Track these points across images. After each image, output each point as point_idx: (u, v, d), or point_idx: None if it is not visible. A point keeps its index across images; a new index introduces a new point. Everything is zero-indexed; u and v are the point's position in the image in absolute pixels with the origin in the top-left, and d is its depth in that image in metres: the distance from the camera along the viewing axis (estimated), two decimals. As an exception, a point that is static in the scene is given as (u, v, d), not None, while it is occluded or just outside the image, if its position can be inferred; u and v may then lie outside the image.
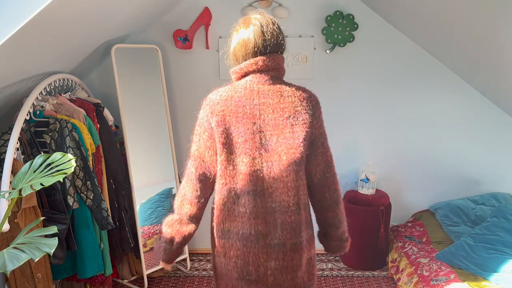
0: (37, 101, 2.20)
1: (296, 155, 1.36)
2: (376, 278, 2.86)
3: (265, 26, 1.40)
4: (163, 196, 2.82)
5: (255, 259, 1.38)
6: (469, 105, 2.93)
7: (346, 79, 2.94)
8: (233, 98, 1.38)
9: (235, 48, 1.44)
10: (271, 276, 1.38)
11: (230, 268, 1.43)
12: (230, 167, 1.38)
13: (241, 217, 1.39)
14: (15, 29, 1.47)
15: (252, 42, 1.38)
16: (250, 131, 1.36)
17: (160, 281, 2.85)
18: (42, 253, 1.16)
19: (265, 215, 1.37)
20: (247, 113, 1.36)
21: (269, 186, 1.36)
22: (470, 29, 2.13)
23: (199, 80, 2.97)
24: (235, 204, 1.40)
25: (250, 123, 1.36)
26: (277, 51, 1.41)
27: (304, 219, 1.41)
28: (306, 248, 1.42)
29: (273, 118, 1.36)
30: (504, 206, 2.56)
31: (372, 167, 2.91)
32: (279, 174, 1.36)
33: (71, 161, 1.30)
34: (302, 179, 1.40)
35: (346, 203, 2.92)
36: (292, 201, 1.38)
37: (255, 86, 1.38)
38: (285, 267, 1.38)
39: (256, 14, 1.45)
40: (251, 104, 1.37)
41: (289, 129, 1.36)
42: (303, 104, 1.39)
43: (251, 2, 2.81)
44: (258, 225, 1.37)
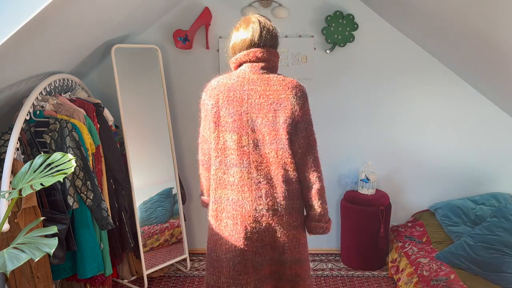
0: (37, 101, 2.20)
1: (277, 136, 1.58)
2: (376, 278, 2.86)
3: (262, 24, 1.63)
4: (163, 196, 2.82)
5: (243, 220, 1.62)
6: (469, 105, 2.93)
7: (346, 79, 2.94)
8: (227, 84, 1.62)
9: (234, 43, 1.66)
10: (256, 233, 1.62)
11: (221, 228, 1.68)
12: (221, 143, 1.63)
13: (231, 186, 1.63)
14: (15, 29, 1.47)
15: (249, 38, 1.61)
16: (239, 113, 1.59)
17: (160, 281, 2.85)
18: (42, 253, 1.16)
19: (251, 185, 1.61)
20: (237, 97, 1.59)
21: (254, 160, 1.60)
22: (470, 29, 2.13)
23: (199, 80, 2.95)
24: (225, 174, 1.64)
25: (238, 106, 1.59)
26: (269, 45, 1.63)
27: (287, 190, 1.61)
28: (287, 214, 1.62)
29: (259, 103, 1.58)
30: (504, 206, 2.56)
31: (372, 167, 2.92)
32: (263, 151, 1.60)
33: (71, 161, 1.30)
34: (286, 157, 1.60)
35: (346, 203, 2.92)
36: (275, 175, 1.60)
37: (247, 75, 1.61)
38: (267, 228, 1.62)
39: (255, 14, 1.69)
40: (241, 90, 1.60)
41: (272, 113, 1.57)
42: (287, 93, 1.58)
43: (251, 2, 2.81)
44: (244, 192, 1.61)
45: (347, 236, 2.95)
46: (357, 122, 3.01)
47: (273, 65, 1.65)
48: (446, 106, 2.94)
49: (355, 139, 3.05)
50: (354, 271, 2.96)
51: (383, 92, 2.95)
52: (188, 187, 3.13)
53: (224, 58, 2.88)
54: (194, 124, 3.06)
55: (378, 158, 3.04)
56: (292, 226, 1.65)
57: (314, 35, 2.86)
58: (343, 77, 2.94)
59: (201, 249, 3.26)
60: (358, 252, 2.91)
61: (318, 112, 2.98)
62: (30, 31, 1.58)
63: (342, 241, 3.02)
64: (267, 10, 2.84)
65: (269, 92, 1.58)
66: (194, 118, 3.09)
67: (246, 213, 1.61)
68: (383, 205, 2.84)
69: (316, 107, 2.96)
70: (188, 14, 2.83)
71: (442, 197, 3.08)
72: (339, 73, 2.93)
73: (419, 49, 2.87)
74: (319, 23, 2.84)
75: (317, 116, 2.96)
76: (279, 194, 1.61)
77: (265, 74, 1.61)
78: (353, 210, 2.86)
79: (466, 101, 2.93)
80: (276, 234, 1.63)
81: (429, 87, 2.92)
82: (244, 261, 1.63)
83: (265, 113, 1.58)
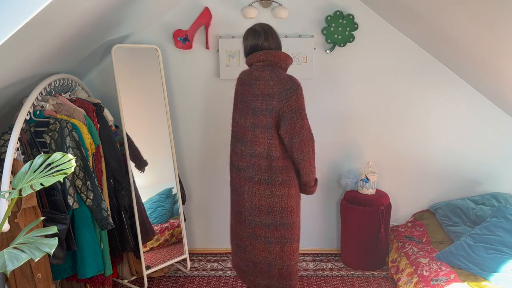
0: (37, 101, 2.20)
1: (264, 120, 2.01)
2: (376, 278, 2.86)
3: (265, 32, 2.09)
4: (163, 196, 2.82)
5: (238, 185, 2.17)
6: (469, 105, 2.93)
7: (346, 79, 2.94)
8: (242, 79, 2.15)
9: (245, 48, 2.15)
10: (246, 194, 2.12)
11: (231, 185, 2.25)
12: (236, 121, 2.17)
13: (235, 154, 2.17)
14: (15, 29, 1.47)
15: (254, 44, 2.10)
16: (242, 99, 2.11)
17: (160, 281, 2.85)
18: (42, 253, 1.15)
19: (243, 156, 2.11)
20: (245, 89, 2.09)
21: (246, 138, 2.08)
22: (470, 28, 2.13)
23: (199, 80, 2.97)
24: (233, 145, 2.19)
25: (243, 94, 2.10)
26: (269, 48, 2.08)
27: (272, 165, 2.04)
28: (269, 184, 2.05)
29: (256, 94, 2.03)
30: (504, 206, 2.56)
31: (372, 167, 2.92)
32: (252, 130, 2.05)
33: (71, 161, 1.30)
34: (271, 138, 2.02)
35: (346, 203, 2.92)
36: (262, 151, 2.04)
37: (253, 72, 2.08)
38: (253, 192, 2.09)
39: (258, 23, 2.16)
40: (248, 84, 2.08)
41: (265, 103, 2.00)
42: (276, 85, 1.97)
43: (251, 2, 2.81)
44: (240, 162, 2.13)
45: (347, 236, 2.95)
46: (357, 122, 3.01)
47: (273, 63, 2.04)
48: (446, 106, 2.94)
49: (355, 139, 3.05)
50: (354, 271, 2.96)
51: (383, 92, 2.95)
52: (188, 187, 3.13)
53: (223, 58, 2.89)
54: (194, 124, 3.07)
55: (378, 158, 3.04)
56: (270, 194, 2.08)
57: (314, 35, 2.86)
58: (343, 77, 2.94)
59: (201, 249, 3.26)
60: (358, 252, 2.92)
61: (318, 112, 2.99)
62: (30, 31, 1.57)
63: (342, 241, 3.03)
64: (267, 10, 2.84)
65: (263, 85, 2.01)
66: (194, 118, 3.11)
67: (241, 177, 2.13)
68: (383, 205, 2.84)
69: (316, 107, 2.98)
70: (188, 14, 2.83)
71: (442, 197, 3.08)
72: (339, 73, 2.93)
73: (419, 49, 2.87)
74: (319, 23, 2.84)
75: (317, 116, 2.98)
76: (265, 166, 2.04)
77: (265, 72, 2.02)
78: (353, 210, 2.86)
79: (466, 101, 2.93)
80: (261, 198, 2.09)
81: (429, 87, 2.92)
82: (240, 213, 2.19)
83: (261, 102, 2.01)
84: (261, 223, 2.11)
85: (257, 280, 2.20)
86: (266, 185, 2.06)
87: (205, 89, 2.98)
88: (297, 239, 2.18)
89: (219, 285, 2.80)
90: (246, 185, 2.10)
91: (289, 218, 2.10)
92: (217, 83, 2.96)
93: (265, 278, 2.17)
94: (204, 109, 3.02)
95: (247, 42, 2.12)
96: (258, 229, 2.12)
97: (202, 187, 3.15)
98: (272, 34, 2.09)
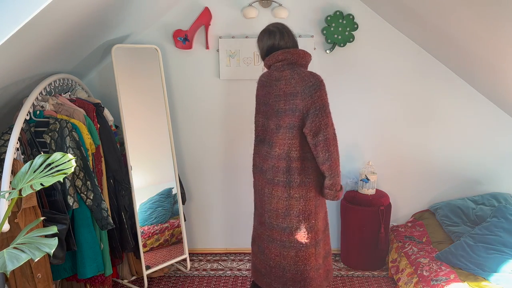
0: (37, 101, 2.20)
1: (287, 120, 1.97)
2: (376, 278, 2.86)
3: (280, 31, 2.04)
4: (163, 196, 2.82)
5: (259, 187, 2.16)
6: (469, 105, 2.93)
7: (346, 79, 2.94)
8: (262, 81, 2.12)
9: (262, 50, 2.10)
10: (266, 197, 2.10)
11: (254, 187, 2.23)
12: (260, 125, 2.14)
13: (259, 157, 2.14)
14: (15, 29, 1.47)
15: (271, 44, 2.05)
16: (265, 101, 2.08)
17: (160, 281, 2.85)
18: (42, 253, 1.16)
19: (265, 158, 2.09)
20: (267, 91, 2.06)
21: (269, 138, 2.07)
22: (470, 28, 2.13)
23: (199, 80, 2.97)
24: (258, 147, 2.17)
25: (265, 97, 2.07)
26: (286, 46, 2.03)
27: (291, 166, 1.99)
28: (287, 186, 2.01)
29: (276, 95, 2.00)
30: (504, 206, 2.56)
31: (372, 167, 2.92)
32: (276, 132, 2.02)
33: (71, 161, 1.30)
34: (295, 138, 1.97)
35: (346, 203, 2.92)
36: (283, 152, 2.00)
37: (272, 73, 2.04)
38: (272, 194, 2.06)
39: (272, 24, 2.09)
40: (269, 86, 2.04)
41: (284, 102, 1.97)
42: (299, 83, 1.93)
43: (251, 2, 2.81)
44: (264, 164, 2.10)
45: (347, 236, 2.95)
46: (357, 122, 3.01)
47: (293, 62, 1.99)
48: (446, 106, 2.94)
49: (355, 139, 3.05)
50: (354, 271, 2.96)
51: (383, 92, 2.95)
52: (188, 187, 3.13)
53: (223, 58, 2.89)
54: (194, 124, 3.07)
55: (378, 158, 3.05)
56: (299, 202, 2.02)
57: (314, 35, 2.86)
58: (343, 77, 2.94)
59: (201, 249, 3.26)
60: (358, 252, 2.91)
61: (318, 112, 2.98)
62: (30, 31, 1.58)
63: (342, 241, 3.02)
64: (267, 10, 2.84)
65: (286, 85, 1.96)
66: (194, 118, 3.11)
67: (264, 179, 2.11)
68: (383, 205, 2.84)
69: (316, 107, 2.97)
70: (188, 14, 2.83)
71: (442, 197, 3.08)
72: (339, 73, 2.93)
73: (419, 49, 2.87)
74: (319, 23, 2.84)
75: (317, 116, 2.97)
76: (284, 168, 2.00)
77: (285, 71, 1.98)
78: (353, 210, 2.86)
79: (466, 101, 2.93)
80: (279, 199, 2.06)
81: (429, 87, 2.92)
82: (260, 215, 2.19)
83: (284, 102, 1.97)
84: (278, 227, 2.07)
85: (273, 284, 2.16)
86: (283, 187, 2.01)
87: (205, 89, 2.98)
88: (314, 243, 2.10)
89: (219, 285, 2.80)
90: (266, 187, 2.08)
91: (306, 222, 2.04)
92: (217, 83, 2.96)
93: (280, 282, 2.13)
94: (204, 109, 3.02)
95: (262, 43, 2.07)
96: (275, 232, 2.09)
97: (202, 187, 3.15)
98: (288, 32, 2.04)
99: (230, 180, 3.11)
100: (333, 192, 2.03)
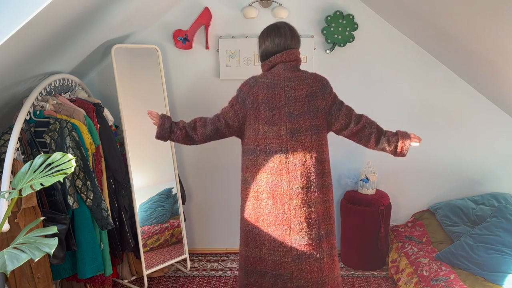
0: (37, 101, 2.20)
1: (312, 122, 1.86)
2: (376, 278, 2.86)
3: (287, 30, 1.90)
4: (163, 196, 2.82)
5: (281, 198, 1.87)
6: (469, 105, 2.93)
7: (346, 79, 2.94)
8: (266, 83, 1.87)
9: (267, 47, 1.91)
10: (293, 210, 1.87)
11: (262, 206, 1.90)
12: (261, 133, 1.87)
13: (270, 170, 1.87)
14: (15, 29, 1.47)
15: (283, 41, 1.88)
16: (278, 107, 1.85)
17: (160, 281, 2.85)
18: (42, 253, 1.15)
19: (288, 168, 1.86)
20: (276, 93, 1.85)
21: (291, 146, 1.85)
22: (469, 28, 2.13)
23: (199, 80, 2.97)
24: (265, 161, 1.88)
25: (277, 101, 1.85)
26: (293, 47, 1.91)
27: (319, 169, 1.89)
28: (318, 191, 1.89)
29: (294, 97, 1.85)
30: (504, 206, 2.56)
31: (372, 167, 2.92)
32: (299, 137, 1.85)
33: (71, 161, 1.30)
34: (320, 140, 1.89)
35: (346, 203, 2.92)
36: (309, 157, 1.86)
37: (282, 73, 1.87)
38: (303, 204, 1.86)
39: (279, 21, 1.96)
40: (279, 87, 1.86)
41: (307, 104, 1.85)
42: (315, 83, 1.88)
43: (251, 2, 2.81)
44: (283, 175, 1.86)
45: (347, 236, 2.95)
46: (357, 122, 3.01)
47: (299, 63, 1.94)
48: (446, 106, 2.94)
49: (355, 139, 3.04)
50: (354, 271, 2.96)
51: (383, 92, 2.95)
52: (188, 187, 3.13)
53: (223, 58, 2.89)
54: (194, 124, 3.07)
55: (378, 158, 3.04)
56: (323, 201, 1.91)
57: (314, 35, 2.86)
58: (343, 77, 2.94)
59: (201, 249, 3.26)
60: (358, 252, 2.91)
61: (318, 112, 2.99)
62: (30, 31, 1.58)
63: (342, 241, 3.02)
64: (267, 10, 2.84)
65: (302, 86, 1.86)
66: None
67: (283, 192, 1.86)
68: (383, 205, 2.84)
69: (316, 107, 2.98)
70: (188, 14, 2.83)
71: (442, 197, 3.08)
72: (339, 73, 2.93)
73: (419, 49, 2.87)
74: (319, 23, 2.84)
75: (317, 116, 2.97)
76: (312, 173, 1.87)
77: (297, 72, 1.89)
78: (353, 210, 2.86)
79: (466, 101, 2.93)
80: (311, 209, 1.88)
81: (428, 87, 2.92)
82: (283, 235, 1.88)
83: (301, 104, 1.85)
84: (309, 238, 1.89)
85: None
86: (319, 193, 1.89)
87: (205, 89, 2.98)
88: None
89: (219, 285, 2.80)
90: (294, 198, 1.86)
91: (334, 226, 1.99)
92: (217, 83, 2.96)
93: None
94: (204, 109, 3.01)
95: (269, 40, 1.90)
96: (306, 247, 1.88)
97: (202, 187, 3.16)
98: (296, 33, 1.94)
99: (230, 180, 3.11)
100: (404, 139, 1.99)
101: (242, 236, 1.99)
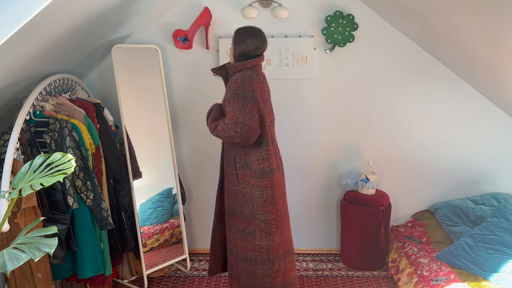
0: (37, 101, 2.20)
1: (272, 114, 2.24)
2: (376, 278, 2.86)
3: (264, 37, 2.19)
4: (163, 196, 2.82)
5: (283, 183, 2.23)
6: (469, 105, 2.93)
7: (346, 79, 2.94)
8: (259, 79, 2.11)
9: (248, 47, 2.13)
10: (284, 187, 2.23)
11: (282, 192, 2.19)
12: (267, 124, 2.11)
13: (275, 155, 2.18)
14: (15, 29, 1.47)
15: (261, 45, 2.16)
16: (263, 99, 2.12)
17: (160, 281, 2.85)
18: (42, 253, 1.16)
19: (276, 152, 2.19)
20: (261, 87, 2.11)
21: (272, 135, 2.16)
22: (469, 28, 2.13)
23: (199, 80, 2.97)
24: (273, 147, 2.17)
25: (263, 94, 2.12)
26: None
27: None
28: None
29: (268, 92, 2.20)
30: (504, 206, 2.56)
31: (372, 167, 2.92)
32: (272, 127, 2.21)
33: (71, 161, 1.30)
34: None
35: (346, 203, 2.92)
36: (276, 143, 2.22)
37: (260, 72, 2.16)
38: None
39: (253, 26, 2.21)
40: (262, 83, 2.14)
41: (270, 97, 2.23)
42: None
43: (251, 2, 2.81)
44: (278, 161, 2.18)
45: (347, 236, 2.95)
46: (357, 122, 3.01)
47: None
48: (446, 106, 2.94)
49: (355, 139, 3.05)
50: (354, 271, 2.96)
51: (383, 92, 2.95)
52: (188, 187, 3.13)
53: (223, 58, 2.89)
54: (194, 124, 3.07)
55: (378, 158, 3.04)
56: None
57: (314, 35, 2.86)
58: (343, 77, 2.94)
59: (201, 249, 3.26)
60: (358, 252, 2.91)
61: (318, 111, 2.99)
62: (30, 31, 1.58)
63: (342, 241, 3.03)
64: (267, 10, 2.84)
65: (267, 84, 2.21)
66: (194, 118, 3.11)
67: (283, 178, 2.21)
68: (383, 205, 2.84)
69: (316, 107, 2.98)
70: (188, 14, 2.83)
71: (442, 197, 3.08)
72: (339, 73, 2.93)
73: (419, 49, 2.87)
74: (319, 23, 2.84)
75: (316, 115, 2.98)
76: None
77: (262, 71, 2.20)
78: (353, 210, 2.86)
79: (466, 101, 2.93)
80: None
81: (428, 86, 2.92)
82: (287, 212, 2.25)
83: (269, 100, 2.21)
84: None
85: None
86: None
87: (205, 89, 2.98)
88: None
89: (219, 285, 2.80)
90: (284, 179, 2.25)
91: None
92: (217, 83, 2.96)
93: None
94: (204, 109, 3.01)
95: (250, 41, 2.13)
96: None
97: (202, 187, 3.15)
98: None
99: (230, 180, 3.11)
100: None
101: (273, 224, 2.12)
